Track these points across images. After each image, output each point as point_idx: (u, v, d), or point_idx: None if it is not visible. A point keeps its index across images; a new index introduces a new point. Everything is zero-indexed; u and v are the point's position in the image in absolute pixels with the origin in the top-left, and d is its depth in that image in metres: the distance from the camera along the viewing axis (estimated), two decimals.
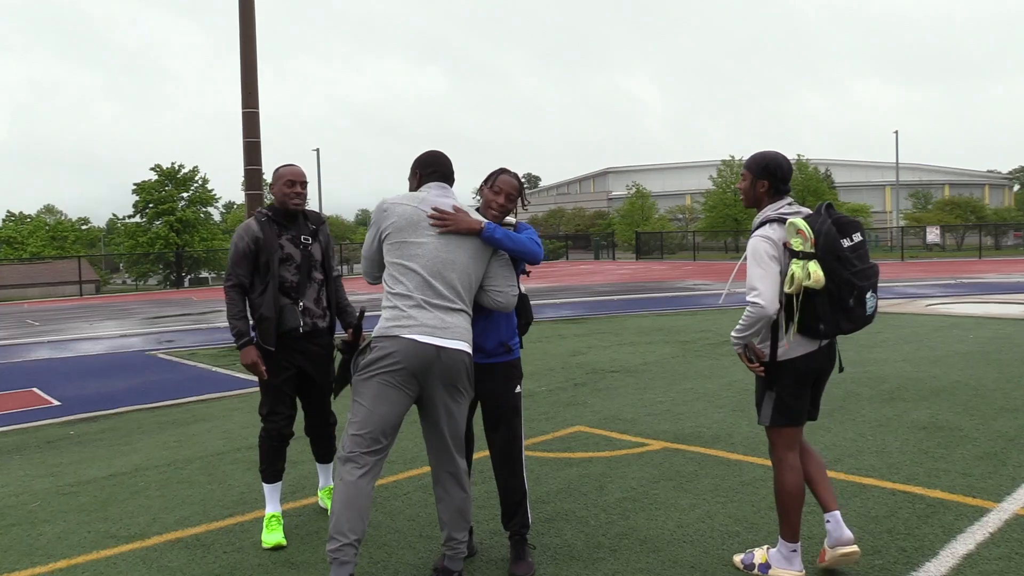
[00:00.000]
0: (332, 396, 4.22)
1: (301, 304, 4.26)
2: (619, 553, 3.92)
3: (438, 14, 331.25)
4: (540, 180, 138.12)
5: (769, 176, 3.49)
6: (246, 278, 4.25)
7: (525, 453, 3.88)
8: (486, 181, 3.78)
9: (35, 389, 9.74)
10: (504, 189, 3.70)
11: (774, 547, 3.66)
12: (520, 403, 3.85)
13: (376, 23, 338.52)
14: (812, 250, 3.28)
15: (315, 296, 4.33)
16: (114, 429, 7.38)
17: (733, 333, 3.50)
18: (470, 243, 3.42)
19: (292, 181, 4.33)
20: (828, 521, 3.55)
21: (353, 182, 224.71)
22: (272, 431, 4.32)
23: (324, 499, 4.75)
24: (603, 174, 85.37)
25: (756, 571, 3.61)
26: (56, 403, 8.82)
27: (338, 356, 4.13)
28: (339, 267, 4.58)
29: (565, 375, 8.89)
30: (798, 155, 51.35)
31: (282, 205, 4.33)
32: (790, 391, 3.47)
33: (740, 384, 7.87)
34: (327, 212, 79.16)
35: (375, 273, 3.65)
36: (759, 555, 3.66)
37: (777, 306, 3.33)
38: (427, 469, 5.45)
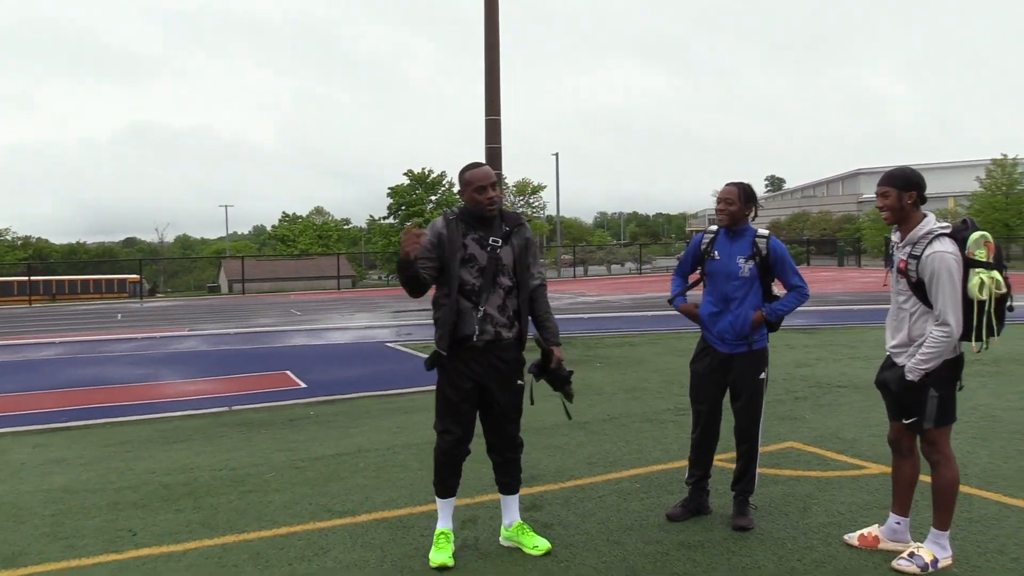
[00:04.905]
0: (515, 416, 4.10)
1: (482, 310, 3.91)
2: None
3: (666, 13, 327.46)
4: (784, 182, 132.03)
5: (915, 187, 3.70)
6: (424, 270, 3.91)
7: (761, 430, 4.48)
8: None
9: (288, 372, 10.82)
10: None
11: (922, 543, 3.80)
12: (762, 387, 4.43)
13: (605, 25, 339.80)
14: (992, 261, 3.56)
15: (500, 303, 3.96)
16: (347, 412, 8.02)
17: (918, 365, 3.65)
18: None
19: (483, 187, 3.93)
20: (898, 523, 3.97)
21: (590, 184, 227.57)
22: (444, 449, 4.05)
23: (507, 539, 4.21)
24: (853, 175, 79.73)
25: (931, 569, 3.70)
26: (303, 385, 9.75)
27: (529, 377, 4.07)
28: (540, 274, 4.15)
29: (786, 387, 8.43)
30: None
31: (478, 212, 3.97)
32: (950, 390, 3.71)
33: (986, 409, 7.05)
34: (565, 215, 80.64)
35: None
36: (927, 553, 3.73)
37: (962, 329, 3.59)
38: (627, 473, 5.41)
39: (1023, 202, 46.08)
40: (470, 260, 3.94)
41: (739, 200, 4.39)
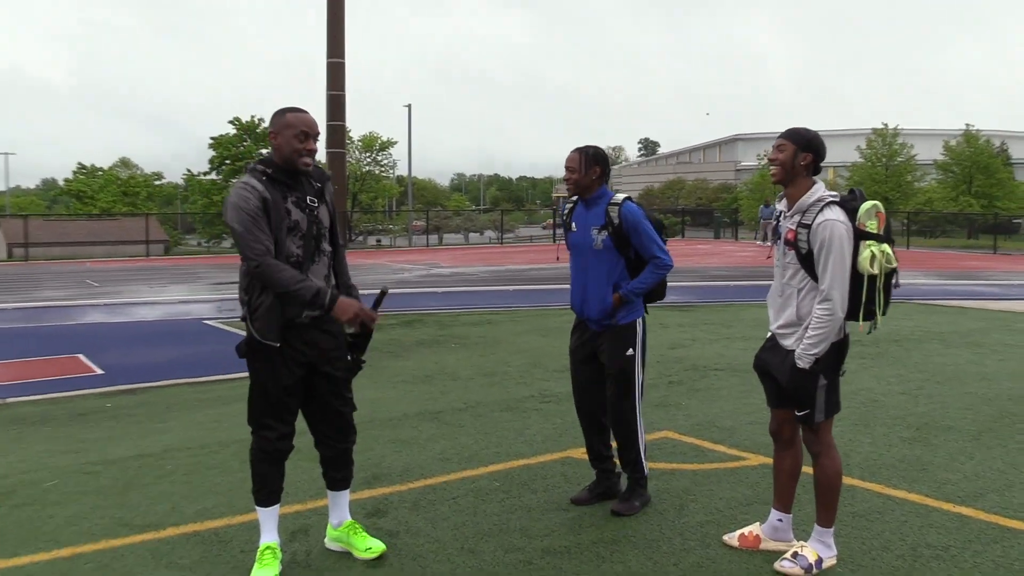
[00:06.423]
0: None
1: None
2: None
3: None
4: (659, 146, 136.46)
5: (813, 151, 3.76)
6: (272, 243, 3.66)
7: (639, 412, 4.59)
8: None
9: (80, 356, 10.14)
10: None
11: (805, 541, 3.94)
12: (632, 365, 4.52)
13: None
14: (883, 233, 3.63)
15: (324, 273, 3.84)
16: (153, 403, 7.58)
17: (808, 350, 3.70)
18: None
19: (306, 133, 3.71)
20: (780, 520, 4.10)
21: (447, 142, 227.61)
22: (265, 448, 3.86)
23: (335, 540, 4.14)
24: (731, 141, 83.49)
25: (815, 570, 3.82)
26: (99, 372, 9.16)
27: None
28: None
29: (660, 371, 8.64)
30: (967, 124, 48.56)
31: (289, 163, 3.71)
32: (837, 377, 3.83)
33: (867, 393, 7.46)
34: (418, 176, 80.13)
35: None
36: (810, 553, 3.86)
37: (847, 307, 3.67)
38: (485, 470, 5.36)
39: (902, 174, 49.36)
40: (294, 228, 3.74)
41: (580, 166, 4.47)
